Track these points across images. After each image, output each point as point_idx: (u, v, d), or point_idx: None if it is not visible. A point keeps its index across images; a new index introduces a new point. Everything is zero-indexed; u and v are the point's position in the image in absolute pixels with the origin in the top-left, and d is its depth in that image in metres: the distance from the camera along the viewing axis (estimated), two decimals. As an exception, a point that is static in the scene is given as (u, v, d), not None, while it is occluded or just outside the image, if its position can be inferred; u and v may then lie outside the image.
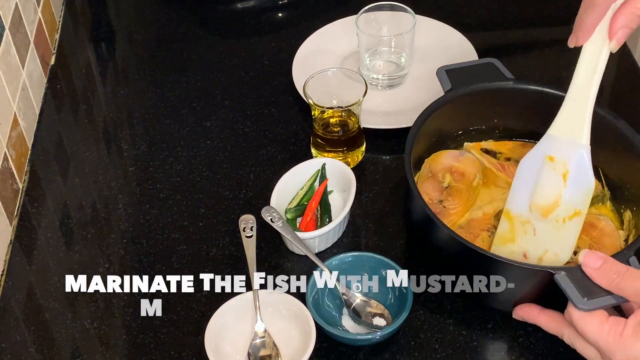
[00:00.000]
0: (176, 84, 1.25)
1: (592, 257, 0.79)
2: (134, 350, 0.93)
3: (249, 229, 0.97)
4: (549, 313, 0.85)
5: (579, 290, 0.79)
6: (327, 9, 1.36)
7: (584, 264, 0.79)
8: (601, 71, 0.85)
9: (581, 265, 0.80)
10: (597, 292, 0.78)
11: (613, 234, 0.93)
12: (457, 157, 1.01)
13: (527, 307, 0.87)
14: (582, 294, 0.78)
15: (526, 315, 0.87)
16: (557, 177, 0.88)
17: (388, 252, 0.97)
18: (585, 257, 0.79)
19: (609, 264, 0.79)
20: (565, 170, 0.88)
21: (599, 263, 0.79)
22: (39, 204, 1.08)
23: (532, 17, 1.35)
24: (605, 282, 0.78)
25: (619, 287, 0.78)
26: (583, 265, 0.79)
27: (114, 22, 1.41)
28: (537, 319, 0.86)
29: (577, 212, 0.89)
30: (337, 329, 0.90)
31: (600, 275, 0.79)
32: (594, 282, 0.79)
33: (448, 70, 1.01)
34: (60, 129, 1.20)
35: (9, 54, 1.11)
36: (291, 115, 1.19)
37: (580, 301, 0.78)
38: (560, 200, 0.88)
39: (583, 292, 0.78)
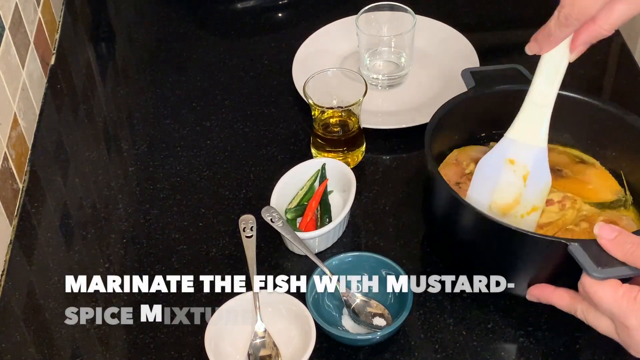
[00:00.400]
0: (176, 84, 1.25)
1: (607, 229, 0.79)
2: (134, 350, 0.93)
3: (249, 229, 0.97)
4: (562, 290, 0.85)
5: (593, 260, 0.78)
6: (327, 9, 1.36)
7: (598, 235, 0.79)
8: (560, 79, 0.88)
9: (596, 237, 0.79)
10: (612, 263, 0.78)
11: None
12: (486, 152, 1.00)
13: (540, 286, 0.87)
14: (596, 264, 0.78)
15: (540, 294, 0.87)
16: (518, 178, 0.91)
17: (388, 252, 0.97)
18: (600, 228, 0.79)
19: (624, 235, 0.78)
20: (526, 172, 0.91)
21: (614, 234, 0.78)
22: (39, 204, 1.08)
23: (532, 17, 1.34)
24: (621, 252, 0.78)
25: (634, 257, 0.77)
26: (598, 237, 0.79)
27: (114, 22, 1.41)
28: (550, 297, 0.86)
29: (534, 208, 0.92)
30: (337, 329, 0.90)
31: (615, 246, 0.78)
32: (609, 253, 0.78)
33: (472, 72, 1.01)
34: (60, 129, 1.20)
35: (9, 54, 1.11)
36: (291, 115, 1.19)
37: (594, 269, 0.77)
38: (519, 200, 0.92)
39: (597, 263, 0.78)
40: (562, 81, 0.89)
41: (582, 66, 1.24)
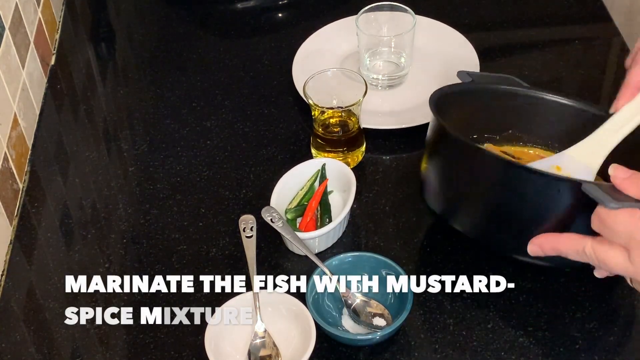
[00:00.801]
0: (176, 84, 1.25)
1: (621, 169, 0.79)
2: (134, 350, 0.93)
3: (249, 229, 0.97)
4: (566, 234, 0.83)
5: (609, 195, 0.77)
6: (327, 9, 1.36)
7: (613, 175, 0.78)
8: (630, 129, 0.89)
9: (611, 176, 0.79)
10: (627, 200, 0.77)
11: None
12: None
13: (543, 235, 0.84)
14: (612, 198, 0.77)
15: (544, 241, 0.84)
16: None
17: (388, 252, 0.97)
18: (615, 169, 0.79)
19: (638, 174, 0.78)
20: None
21: (629, 173, 0.78)
22: (39, 204, 1.08)
23: (532, 17, 1.35)
24: (636, 189, 0.77)
25: None
26: (612, 177, 0.78)
27: (114, 22, 1.41)
28: (554, 242, 0.83)
29: None
30: (337, 329, 0.90)
31: (630, 184, 0.77)
32: (624, 192, 0.77)
33: (469, 73, 1.02)
34: (60, 129, 1.20)
35: (9, 54, 1.11)
36: (291, 115, 1.19)
37: (610, 201, 0.76)
38: None
39: (614, 198, 0.77)
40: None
41: (582, 66, 1.25)
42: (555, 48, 1.29)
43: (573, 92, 1.21)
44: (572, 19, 1.34)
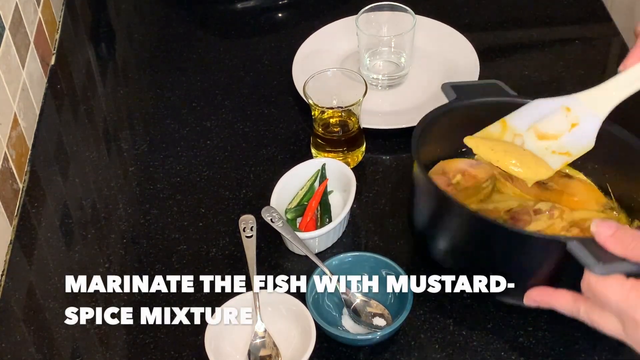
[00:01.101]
0: (176, 84, 1.25)
1: (604, 225, 0.77)
2: (134, 350, 0.93)
3: (249, 229, 0.97)
4: (562, 292, 0.82)
5: (593, 256, 0.76)
6: (327, 9, 1.36)
7: (596, 232, 0.77)
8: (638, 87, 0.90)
9: (594, 234, 0.77)
10: (613, 259, 0.76)
11: None
12: (473, 165, 1.01)
13: (538, 289, 0.84)
14: (597, 260, 0.76)
15: (539, 298, 0.84)
16: (566, 122, 0.94)
17: (388, 252, 0.97)
18: (597, 225, 0.77)
19: (622, 230, 0.76)
20: (576, 122, 0.94)
21: (612, 230, 0.76)
22: (39, 204, 1.08)
23: (532, 17, 1.35)
24: (621, 248, 0.76)
25: (635, 252, 0.75)
26: (596, 234, 0.77)
27: (114, 22, 1.41)
28: (550, 300, 0.83)
29: (567, 153, 0.95)
30: (337, 329, 0.90)
31: (615, 242, 0.76)
32: (609, 250, 0.76)
33: (453, 86, 1.01)
34: (60, 129, 1.20)
35: (9, 54, 1.11)
36: (291, 115, 1.19)
37: (596, 265, 0.75)
38: (558, 137, 0.95)
39: (598, 259, 0.76)
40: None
41: (582, 66, 1.25)
42: (555, 48, 1.29)
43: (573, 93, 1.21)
44: (572, 19, 1.34)
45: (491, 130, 0.98)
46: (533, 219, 0.93)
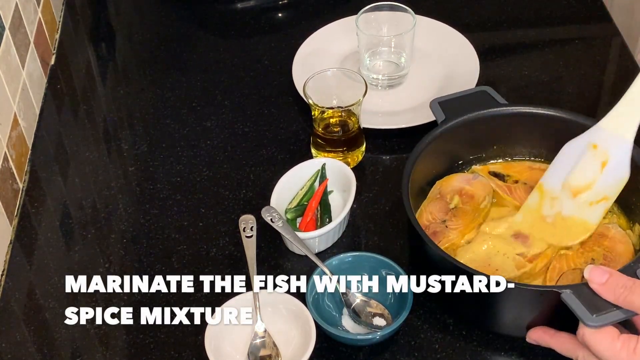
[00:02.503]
0: (176, 84, 1.25)
1: (597, 272, 0.79)
2: (134, 350, 0.93)
3: (249, 229, 0.97)
4: (562, 335, 0.85)
5: (587, 307, 0.78)
6: (327, 9, 1.36)
7: (589, 280, 0.79)
8: None
9: (587, 280, 0.79)
10: (605, 307, 0.78)
11: (624, 240, 0.93)
12: (469, 181, 1.00)
13: (540, 330, 0.87)
14: (591, 311, 0.78)
15: (539, 339, 0.87)
16: (596, 164, 0.92)
17: (388, 252, 0.97)
18: (590, 272, 0.79)
19: (615, 277, 0.78)
20: (606, 158, 0.91)
21: (605, 277, 0.78)
22: (39, 204, 1.08)
23: (532, 17, 1.35)
24: (613, 296, 0.78)
25: (627, 300, 0.77)
26: (589, 282, 0.79)
27: (114, 22, 1.41)
28: (550, 342, 0.86)
29: (605, 198, 0.93)
30: (337, 329, 0.90)
31: (607, 290, 0.78)
32: (602, 297, 0.78)
33: (441, 102, 1.02)
34: (60, 129, 1.20)
35: (9, 54, 1.11)
36: (291, 115, 1.19)
37: (589, 318, 0.77)
38: (592, 185, 0.92)
39: (591, 309, 0.78)
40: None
41: (582, 66, 1.25)
42: (555, 48, 1.29)
43: (573, 92, 1.21)
44: (572, 19, 1.34)
45: (529, 204, 0.96)
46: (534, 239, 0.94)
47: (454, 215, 0.97)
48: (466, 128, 1.00)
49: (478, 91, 1.03)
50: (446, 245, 0.94)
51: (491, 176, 1.02)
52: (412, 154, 0.96)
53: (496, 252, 0.93)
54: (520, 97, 1.19)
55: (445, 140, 0.99)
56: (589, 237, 0.94)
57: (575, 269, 0.91)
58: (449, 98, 1.02)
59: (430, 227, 0.96)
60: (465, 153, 1.03)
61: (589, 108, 1.18)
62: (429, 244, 0.88)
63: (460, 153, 1.03)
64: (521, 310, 0.88)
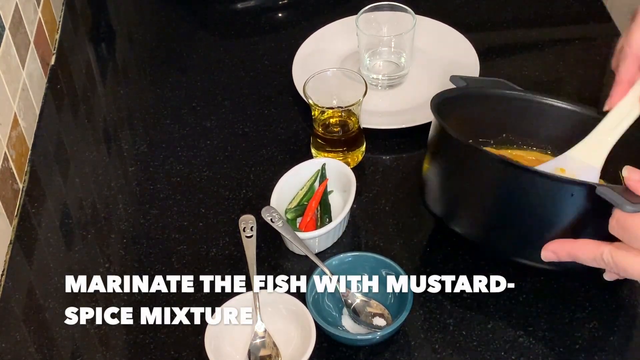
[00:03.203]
0: (176, 84, 1.25)
1: (634, 171, 0.78)
2: (134, 350, 0.93)
3: (249, 229, 0.97)
4: (581, 240, 0.81)
5: (624, 197, 0.76)
6: (327, 9, 1.36)
7: (627, 177, 0.78)
8: (627, 124, 0.90)
9: (624, 179, 0.78)
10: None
11: None
12: None
13: (558, 241, 0.83)
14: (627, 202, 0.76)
15: (558, 248, 0.82)
16: None
17: (388, 252, 0.97)
18: (629, 171, 0.78)
19: None
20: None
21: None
22: (39, 204, 1.08)
23: (532, 17, 1.35)
24: None
25: None
26: (626, 179, 0.78)
27: (114, 22, 1.41)
28: (570, 249, 0.82)
29: None
30: (337, 329, 0.90)
31: None
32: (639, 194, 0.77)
33: (462, 77, 1.01)
34: (60, 129, 1.20)
35: (9, 54, 1.11)
36: (291, 115, 1.19)
37: (628, 203, 0.75)
38: None
39: (629, 201, 0.76)
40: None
41: (582, 66, 1.25)
42: (555, 48, 1.29)
43: (573, 92, 1.21)
44: (572, 19, 1.34)
45: None
46: None
47: None
48: (484, 103, 0.99)
49: (496, 79, 1.03)
50: None
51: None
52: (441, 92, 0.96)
53: None
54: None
55: (463, 107, 0.98)
56: None
57: None
58: (469, 78, 1.02)
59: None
60: (474, 134, 1.02)
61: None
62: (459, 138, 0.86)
63: (471, 132, 1.01)
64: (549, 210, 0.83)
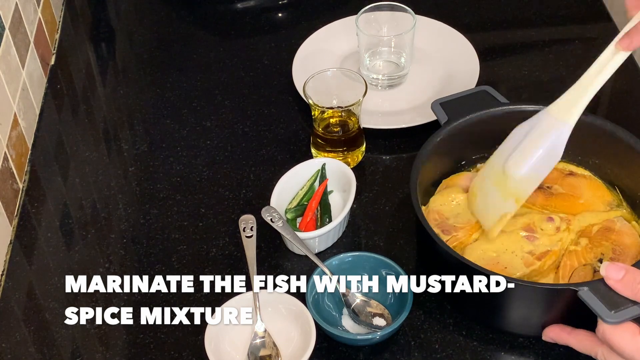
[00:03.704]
0: (176, 84, 1.25)
1: (613, 269, 0.79)
2: (134, 350, 0.93)
3: (249, 229, 0.97)
4: (580, 333, 0.85)
5: (605, 304, 0.78)
6: (327, 9, 1.36)
7: (606, 276, 0.79)
8: (610, 71, 0.90)
9: (604, 278, 0.79)
10: (623, 303, 0.78)
11: (631, 232, 0.94)
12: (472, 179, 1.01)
13: (557, 328, 0.86)
14: (609, 307, 0.78)
15: (557, 337, 0.87)
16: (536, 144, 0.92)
17: (388, 252, 0.97)
18: (607, 269, 0.79)
19: (631, 273, 0.78)
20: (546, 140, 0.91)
21: (622, 274, 0.78)
22: (39, 204, 1.08)
23: (532, 17, 1.35)
24: (630, 292, 0.78)
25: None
26: (606, 278, 0.79)
27: (114, 22, 1.41)
28: (568, 340, 0.85)
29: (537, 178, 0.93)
30: (337, 329, 0.90)
31: (624, 286, 0.78)
32: (619, 293, 0.78)
33: (442, 103, 1.02)
34: (60, 129, 1.20)
35: (9, 54, 1.11)
36: (291, 115, 1.19)
37: (608, 315, 0.77)
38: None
39: (609, 305, 0.78)
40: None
41: (582, 66, 1.25)
42: (555, 48, 1.28)
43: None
44: (572, 19, 1.34)
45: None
46: (539, 235, 0.94)
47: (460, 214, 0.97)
48: (469, 128, 0.99)
49: (479, 91, 1.03)
50: (454, 244, 0.94)
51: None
52: (417, 156, 0.96)
53: (504, 249, 0.93)
54: (520, 97, 1.19)
55: (449, 141, 0.99)
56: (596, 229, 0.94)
57: (586, 265, 0.91)
58: (450, 99, 1.02)
59: (438, 227, 0.96)
60: (468, 153, 1.03)
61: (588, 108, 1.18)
62: (438, 242, 0.88)
63: (464, 153, 1.03)
64: (536, 309, 0.88)
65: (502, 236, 0.94)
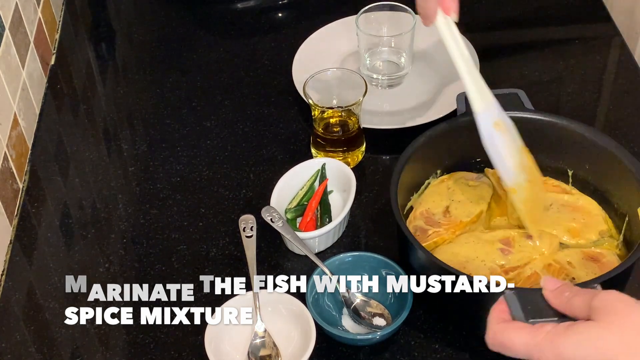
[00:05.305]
0: (176, 84, 1.25)
1: (551, 281, 0.78)
2: (134, 350, 0.93)
3: (249, 229, 0.97)
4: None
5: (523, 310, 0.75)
6: (327, 9, 1.36)
7: (543, 286, 0.77)
8: (459, 40, 0.96)
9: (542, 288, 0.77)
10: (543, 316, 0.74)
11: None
12: (473, 179, 1.01)
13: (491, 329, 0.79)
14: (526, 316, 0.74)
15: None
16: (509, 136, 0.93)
17: (388, 252, 0.97)
18: (545, 280, 0.77)
19: (566, 285, 0.76)
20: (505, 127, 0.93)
21: (557, 285, 0.76)
22: (39, 204, 1.08)
23: (532, 17, 1.35)
24: (558, 301, 0.75)
25: (569, 303, 0.74)
26: (543, 288, 0.76)
27: (114, 22, 1.41)
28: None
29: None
30: (337, 329, 0.90)
31: (554, 296, 0.76)
32: (551, 303, 0.75)
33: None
34: (60, 129, 1.20)
35: (9, 54, 1.11)
36: (291, 115, 1.19)
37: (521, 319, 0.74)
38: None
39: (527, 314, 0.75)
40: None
41: (582, 66, 1.25)
42: (555, 48, 1.29)
43: (573, 92, 1.21)
44: (572, 19, 1.34)
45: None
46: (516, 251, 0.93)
47: (448, 212, 0.97)
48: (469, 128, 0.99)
49: (509, 93, 1.02)
50: (435, 239, 0.95)
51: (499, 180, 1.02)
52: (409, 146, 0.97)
53: (475, 257, 0.93)
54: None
55: (457, 136, 0.99)
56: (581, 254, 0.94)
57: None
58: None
59: (423, 219, 0.96)
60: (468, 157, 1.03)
61: (588, 108, 1.18)
62: (408, 235, 0.88)
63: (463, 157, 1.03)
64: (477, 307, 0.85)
65: (478, 244, 0.94)
